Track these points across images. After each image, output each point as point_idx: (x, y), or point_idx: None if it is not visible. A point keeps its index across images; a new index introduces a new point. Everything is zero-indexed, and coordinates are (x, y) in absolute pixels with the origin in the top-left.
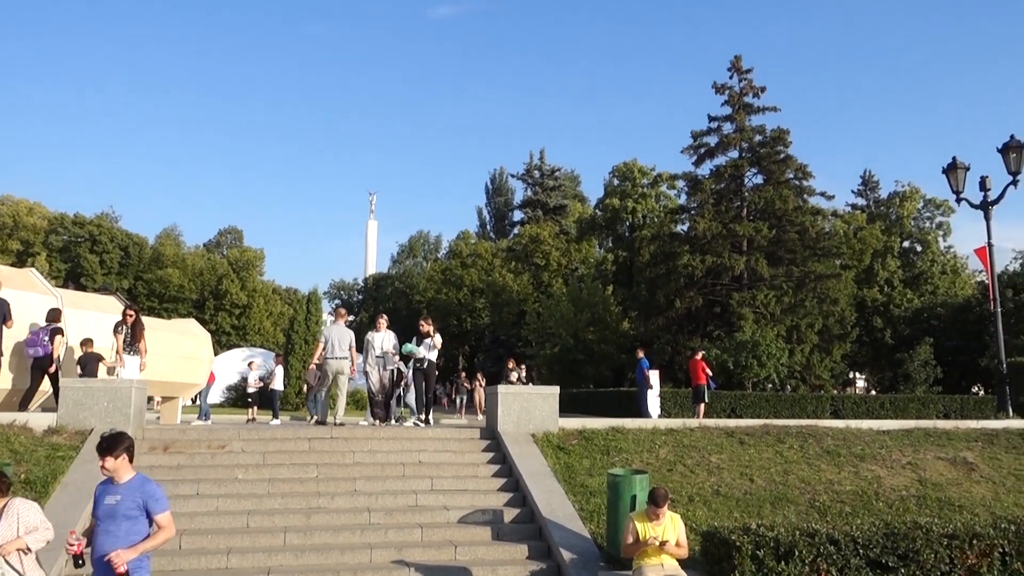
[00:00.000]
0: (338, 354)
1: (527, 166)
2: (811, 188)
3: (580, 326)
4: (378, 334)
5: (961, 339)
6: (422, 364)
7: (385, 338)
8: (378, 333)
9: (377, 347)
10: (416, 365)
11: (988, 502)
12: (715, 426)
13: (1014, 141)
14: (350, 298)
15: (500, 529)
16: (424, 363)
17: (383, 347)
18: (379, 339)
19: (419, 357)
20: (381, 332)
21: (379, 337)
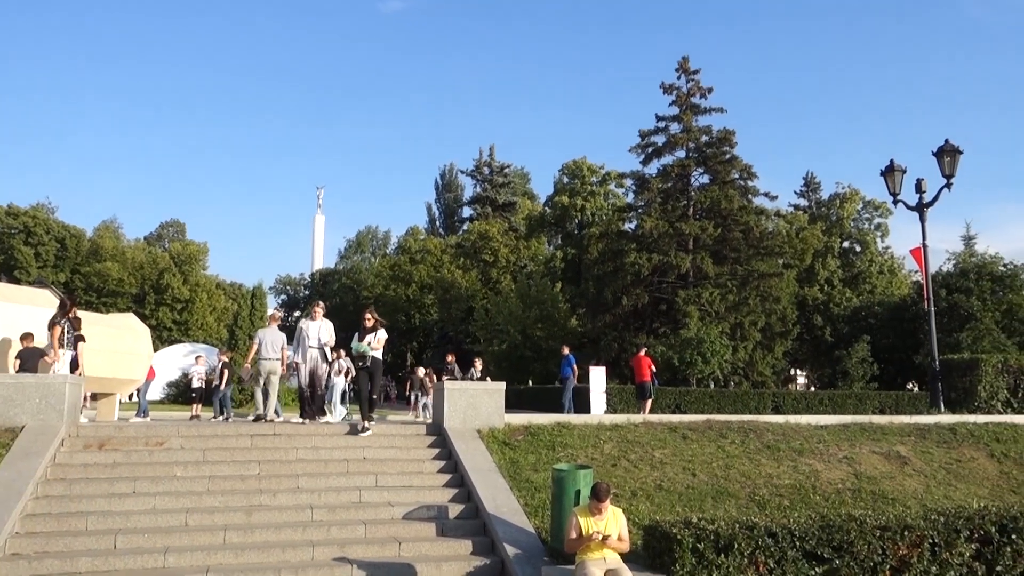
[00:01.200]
0: (270, 355)
1: (477, 162)
2: (755, 188)
3: (528, 323)
4: (313, 323)
5: (897, 337)
6: (366, 362)
7: (322, 328)
8: (313, 322)
9: (312, 337)
10: (360, 363)
11: (920, 494)
12: (659, 422)
13: (948, 145)
14: (296, 293)
15: (445, 525)
16: (368, 360)
17: (319, 338)
18: (314, 329)
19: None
20: (317, 321)
21: (314, 327)
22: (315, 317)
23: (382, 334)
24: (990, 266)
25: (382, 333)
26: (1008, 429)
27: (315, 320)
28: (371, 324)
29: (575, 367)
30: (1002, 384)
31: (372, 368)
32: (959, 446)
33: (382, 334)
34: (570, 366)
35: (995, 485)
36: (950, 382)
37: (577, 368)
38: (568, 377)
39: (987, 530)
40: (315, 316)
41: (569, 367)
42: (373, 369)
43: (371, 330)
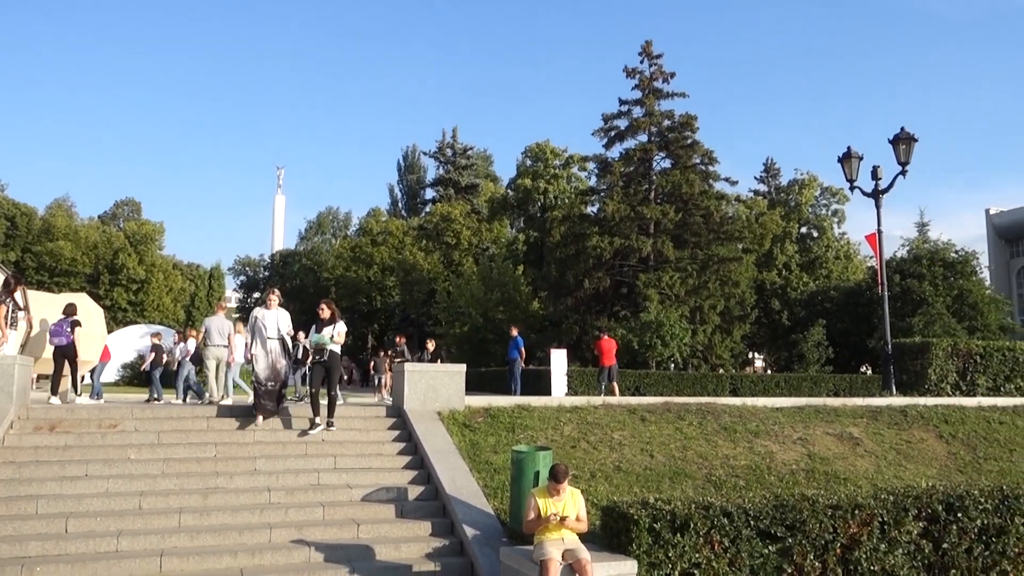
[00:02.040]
0: (217, 342)
1: (440, 144)
2: (716, 173)
3: (490, 305)
4: (269, 312)
5: (852, 321)
6: (323, 356)
7: (280, 317)
8: (269, 311)
9: (270, 328)
10: (317, 357)
11: (871, 474)
12: (618, 404)
13: (904, 133)
14: (256, 274)
15: (404, 507)
16: (325, 355)
17: (278, 328)
18: (271, 318)
19: (324, 347)
20: (273, 310)
21: (271, 316)
22: (270, 305)
23: (341, 327)
24: (942, 252)
25: (341, 326)
26: (956, 411)
27: (271, 309)
28: (328, 315)
29: (523, 349)
30: (951, 367)
31: (330, 363)
32: (909, 428)
33: (341, 327)
34: (517, 348)
35: (943, 465)
36: (902, 365)
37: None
38: (515, 359)
39: (934, 509)
40: (270, 304)
41: (516, 348)
42: (331, 364)
43: (329, 321)
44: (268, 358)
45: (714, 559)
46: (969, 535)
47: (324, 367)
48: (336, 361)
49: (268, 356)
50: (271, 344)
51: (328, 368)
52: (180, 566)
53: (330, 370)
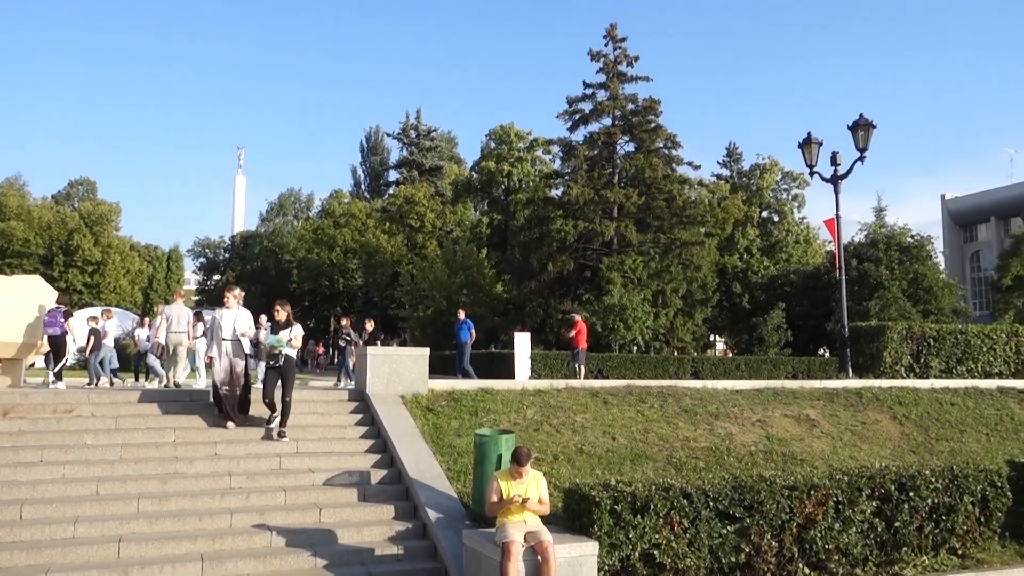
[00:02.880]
0: (176, 329)
1: (403, 126)
2: (679, 158)
3: (454, 288)
4: (227, 312)
5: (811, 304)
6: (278, 361)
7: (238, 317)
8: (227, 311)
9: (227, 329)
10: (270, 363)
11: (827, 455)
12: (581, 387)
13: (862, 120)
14: (216, 256)
15: (367, 490)
16: (280, 360)
17: (235, 329)
18: (228, 318)
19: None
20: (232, 309)
21: (228, 316)
22: (228, 305)
23: (298, 331)
24: (898, 237)
25: (298, 329)
26: (910, 393)
27: (229, 308)
28: (284, 318)
29: (472, 331)
30: (906, 350)
31: (285, 368)
32: (864, 409)
33: (298, 331)
34: (468, 331)
35: (896, 446)
36: (858, 348)
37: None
38: (465, 341)
39: (887, 488)
40: (228, 304)
41: (467, 331)
42: (286, 369)
43: (285, 324)
44: (224, 360)
45: (673, 540)
46: (920, 513)
47: (278, 372)
48: (291, 366)
49: (224, 358)
50: (227, 346)
51: (283, 374)
52: (139, 552)
53: (285, 375)
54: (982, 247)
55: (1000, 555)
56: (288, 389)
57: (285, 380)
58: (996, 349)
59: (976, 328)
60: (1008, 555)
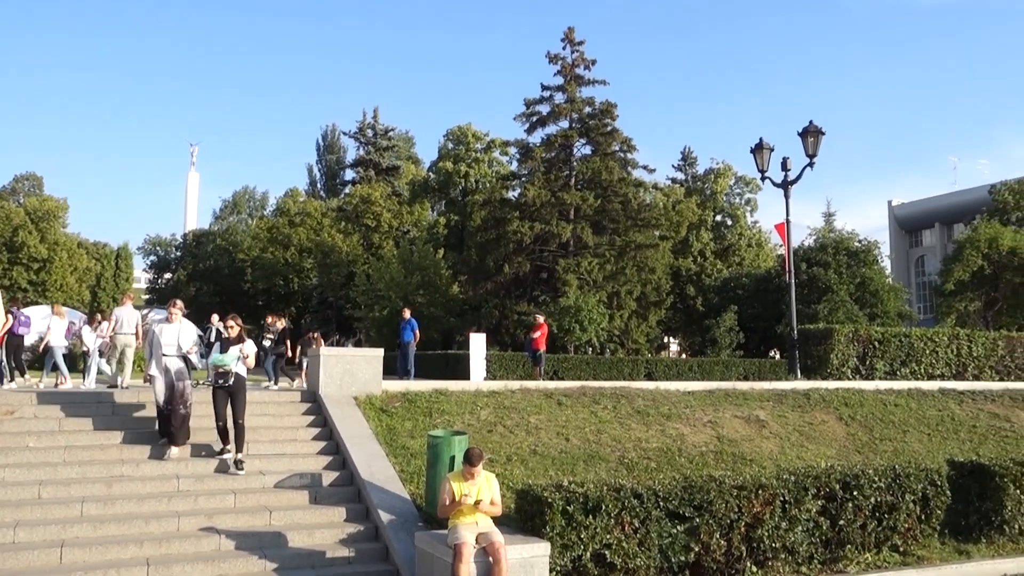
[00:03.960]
0: (126, 330)
1: (360, 124)
2: (635, 161)
3: (410, 289)
4: (169, 326)
5: (762, 307)
6: (227, 380)
7: (181, 332)
8: (169, 325)
9: (168, 344)
10: (219, 382)
11: (775, 455)
12: (535, 388)
13: (812, 126)
14: (167, 254)
15: (318, 493)
16: (230, 379)
17: (179, 345)
18: (171, 333)
19: (228, 370)
20: (174, 324)
21: (171, 331)
22: (172, 319)
23: (250, 347)
24: (846, 242)
25: (250, 346)
26: (855, 394)
27: (172, 323)
28: (235, 334)
29: (417, 332)
30: (852, 352)
31: (235, 388)
32: (812, 410)
33: (250, 347)
34: (412, 330)
35: (842, 446)
36: (807, 350)
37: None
38: (409, 341)
39: (832, 487)
40: (172, 318)
41: (411, 331)
42: (236, 389)
43: (236, 340)
44: (166, 378)
45: (624, 540)
46: (864, 512)
47: (228, 392)
48: (242, 386)
49: (166, 376)
50: (169, 362)
51: (233, 394)
52: (82, 557)
53: (235, 396)
54: (927, 252)
55: (940, 551)
56: (240, 411)
57: (235, 401)
58: (938, 352)
59: (919, 331)
60: (947, 552)
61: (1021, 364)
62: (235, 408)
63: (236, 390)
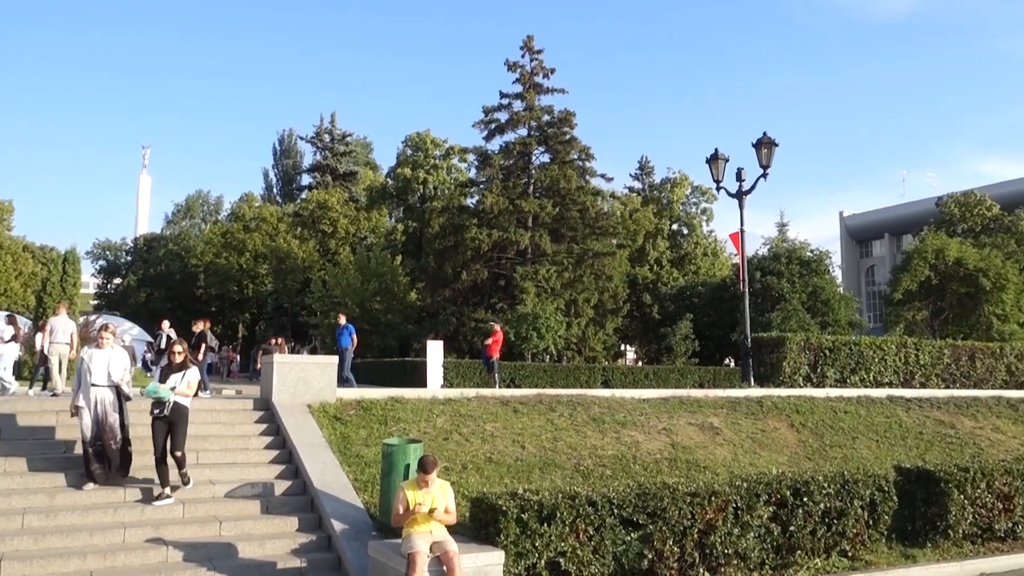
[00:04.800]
0: (60, 339)
1: (317, 129)
2: (593, 170)
3: (367, 296)
4: (99, 353)
5: (717, 315)
6: (163, 410)
7: (112, 359)
8: (100, 351)
9: (97, 373)
10: (155, 411)
11: (728, 462)
12: (491, 396)
13: (766, 138)
14: (117, 259)
15: (270, 502)
16: (167, 408)
17: (109, 374)
18: (101, 360)
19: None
20: (105, 350)
21: (101, 357)
22: (102, 344)
23: (193, 375)
24: (799, 251)
25: (194, 373)
26: (807, 402)
27: (102, 349)
28: (180, 360)
29: (354, 337)
30: (804, 360)
31: (174, 418)
32: (764, 417)
33: (193, 375)
34: (349, 336)
35: (793, 452)
36: (760, 358)
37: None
38: (346, 347)
39: (783, 494)
40: (102, 343)
41: (348, 337)
42: (175, 419)
43: (180, 367)
44: (95, 410)
45: (579, 547)
46: (814, 518)
47: (167, 423)
48: (182, 416)
49: (95, 408)
50: (97, 393)
51: (172, 424)
52: (22, 570)
53: (175, 426)
54: (876, 262)
55: (887, 556)
56: (179, 442)
57: (175, 432)
58: (887, 360)
59: (868, 340)
60: (894, 556)
61: (966, 372)
62: (174, 439)
63: (176, 421)
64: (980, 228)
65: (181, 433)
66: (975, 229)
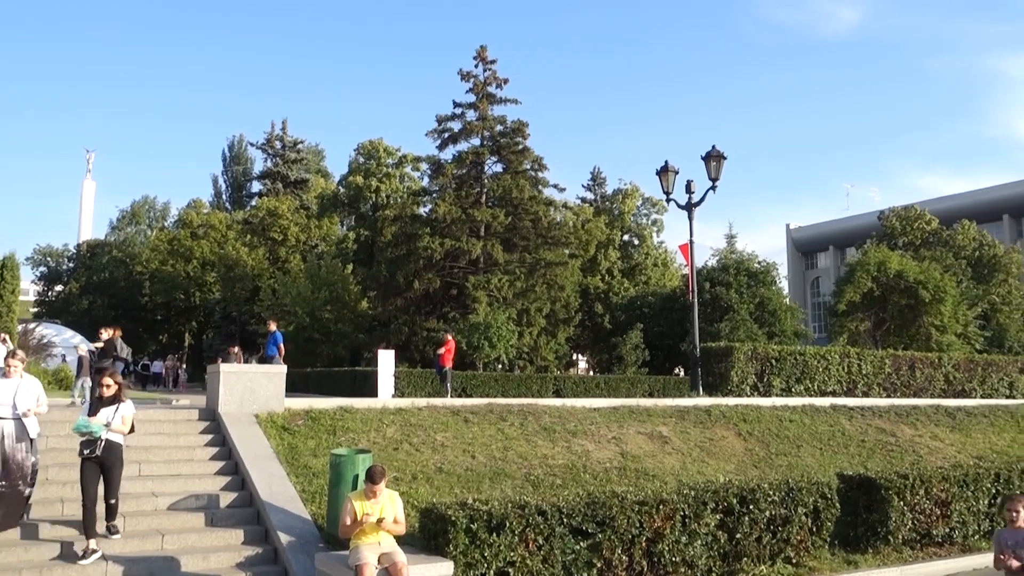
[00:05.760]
0: None
1: (268, 135)
2: (545, 180)
3: (317, 304)
4: (6, 382)
5: (667, 325)
6: (95, 449)
7: (20, 389)
8: (6, 380)
9: (3, 404)
10: (85, 451)
11: (677, 471)
12: (443, 405)
13: (715, 151)
14: (58, 266)
15: (215, 515)
16: (98, 447)
17: (14, 405)
18: (7, 390)
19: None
20: (12, 379)
21: (7, 387)
22: (10, 373)
23: (128, 409)
24: (747, 263)
25: (127, 408)
26: (753, 410)
27: (10, 377)
28: (112, 392)
29: (281, 345)
30: (751, 370)
31: (106, 459)
32: (712, 426)
33: (128, 409)
34: (276, 344)
35: (740, 461)
36: (708, 368)
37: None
38: (272, 356)
39: (730, 502)
40: (10, 371)
41: (275, 346)
42: (109, 461)
43: (111, 400)
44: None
45: (528, 557)
46: (759, 525)
47: (98, 464)
48: (117, 456)
49: None
50: (4, 426)
51: (105, 466)
52: None
53: (108, 469)
54: (821, 274)
55: (830, 562)
56: (113, 487)
57: (108, 475)
58: (831, 369)
59: (813, 349)
60: (837, 562)
61: (906, 381)
62: (108, 484)
63: (109, 461)
64: (920, 242)
65: (116, 476)
66: (915, 243)
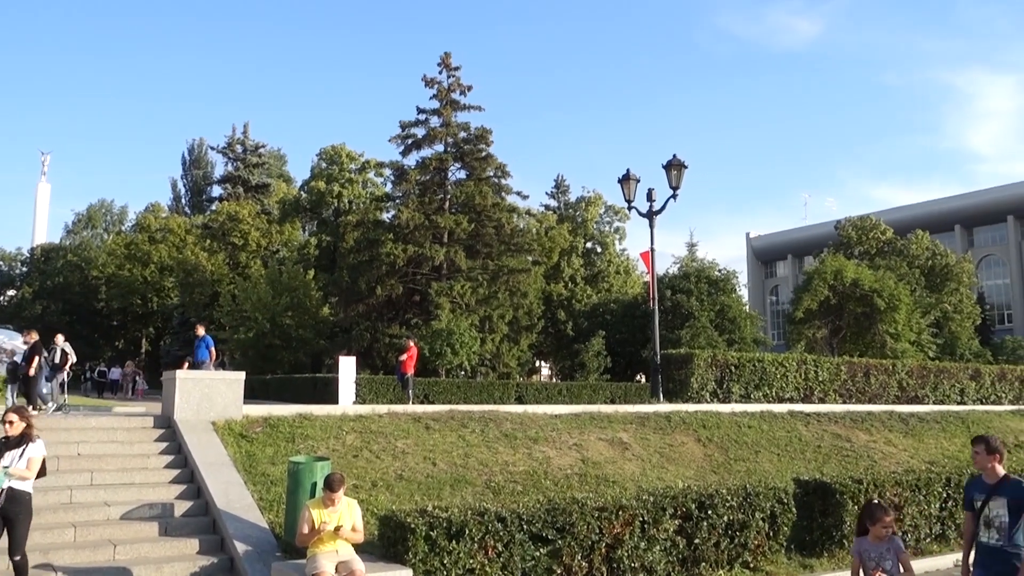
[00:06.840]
0: None
1: (229, 139)
2: (509, 187)
3: (278, 310)
4: None
5: (629, 332)
6: None
7: None
8: None
9: None
10: None
11: (637, 477)
12: (403, 412)
13: (676, 160)
14: (11, 270)
15: (169, 524)
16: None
17: None
18: None
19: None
20: None
21: None
22: None
23: (36, 450)
24: (707, 271)
25: (37, 449)
26: (713, 417)
27: None
28: (18, 432)
29: (212, 349)
30: (711, 376)
31: (12, 509)
32: (672, 432)
33: (36, 450)
34: (207, 349)
35: (700, 466)
36: (669, 374)
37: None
38: (204, 360)
39: (688, 507)
40: None
41: (206, 350)
42: (12, 512)
43: (17, 442)
44: None
45: (488, 564)
46: (717, 530)
47: (1, 516)
48: (24, 507)
49: None
50: None
51: (8, 518)
52: None
53: (12, 522)
54: (780, 282)
55: (787, 567)
56: (18, 543)
57: (12, 528)
58: (788, 376)
59: (771, 356)
60: (793, 567)
61: (862, 388)
62: (12, 537)
63: (15, 513)
64: (875, 251)
65: (22, 529)
66: (871, 252)
